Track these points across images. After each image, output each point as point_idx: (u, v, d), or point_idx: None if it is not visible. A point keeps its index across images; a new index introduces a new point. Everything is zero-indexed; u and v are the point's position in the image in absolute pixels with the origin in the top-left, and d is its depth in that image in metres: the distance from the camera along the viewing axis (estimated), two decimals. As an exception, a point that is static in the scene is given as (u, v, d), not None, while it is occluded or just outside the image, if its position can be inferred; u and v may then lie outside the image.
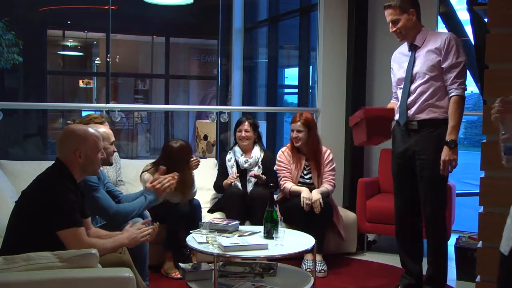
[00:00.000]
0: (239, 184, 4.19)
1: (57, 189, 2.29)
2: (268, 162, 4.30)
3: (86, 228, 2.47)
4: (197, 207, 3.90)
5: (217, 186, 4.33)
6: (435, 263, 3.21)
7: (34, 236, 2.26)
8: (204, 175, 4.47)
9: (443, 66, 3.06)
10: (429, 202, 3.15)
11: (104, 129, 3.16)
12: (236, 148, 4.34)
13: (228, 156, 4.34)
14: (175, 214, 3.73)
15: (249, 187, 4.19)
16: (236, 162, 4.29)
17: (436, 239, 3.21)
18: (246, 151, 4.33)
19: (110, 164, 3.27)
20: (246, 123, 4.32)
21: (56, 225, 2.26)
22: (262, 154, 4.32)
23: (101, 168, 3.27)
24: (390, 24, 3.18)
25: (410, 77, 3.16)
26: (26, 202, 2.34)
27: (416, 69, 3.14)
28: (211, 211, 4.22)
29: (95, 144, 2.47)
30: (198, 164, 3.94)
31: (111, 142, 3.16)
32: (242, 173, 4.27)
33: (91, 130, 2.51)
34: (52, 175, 2.39)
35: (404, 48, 3.32)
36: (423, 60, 3.11)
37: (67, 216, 2.28)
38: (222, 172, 4.32)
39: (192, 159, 3.89)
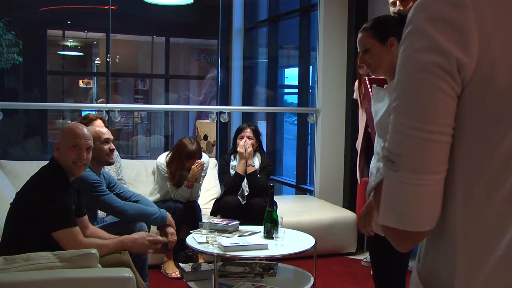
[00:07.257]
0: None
1: (48, 190, 2.27)
2: (266, 168, 4.12)
3: (83, 227, 2.44)
4: (197, 207, 3.90)
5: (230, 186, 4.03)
6: None
7: (30, 238, 2.25)
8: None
9: None
10: None
11: (98, 128, 3.12)
12: (237, 156, 4.10)
13: (232, 163, 4.10)
14: (175, 214, 3.73)
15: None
16: None
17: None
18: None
19: (110, 163, 3.20)
20: (248, 129, 4.12)
21: (50, 227, 2.25)
22: (261, 161, 4.14)
23: (104, 169, 3.27)
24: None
25: None
26: (20, 203, 2.32)
27: None
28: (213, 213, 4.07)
29: (68, 139, 2.40)
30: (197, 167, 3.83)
31: (102, 141, 3.04)
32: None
33: (72, 126, 2.46)
34: (44, 175, 2.36)
35: None
36: None
37: (60, 217, 2.26)
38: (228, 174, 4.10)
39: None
